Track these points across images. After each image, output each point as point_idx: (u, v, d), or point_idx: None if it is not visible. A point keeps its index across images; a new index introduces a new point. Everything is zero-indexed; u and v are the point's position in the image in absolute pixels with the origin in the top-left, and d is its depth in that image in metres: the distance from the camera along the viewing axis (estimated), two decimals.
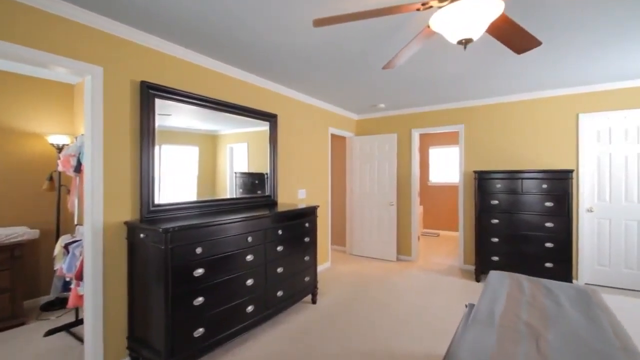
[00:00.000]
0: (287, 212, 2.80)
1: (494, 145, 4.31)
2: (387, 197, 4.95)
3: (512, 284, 1.87)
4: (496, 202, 3.85)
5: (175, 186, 2.55)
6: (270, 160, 3.43)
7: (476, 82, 3.60)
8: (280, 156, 3.64)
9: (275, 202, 3.44)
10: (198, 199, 2.70)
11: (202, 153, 2.77)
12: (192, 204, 2.61)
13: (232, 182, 3.06)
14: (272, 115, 3.43)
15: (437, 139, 7.33)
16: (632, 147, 3.61)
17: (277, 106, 3.60)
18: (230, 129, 3.04)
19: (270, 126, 3.43)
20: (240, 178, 3.15)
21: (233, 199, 3.01)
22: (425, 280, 3.97)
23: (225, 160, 2.98)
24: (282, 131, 3.66)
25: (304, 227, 3.03)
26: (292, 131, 3.87)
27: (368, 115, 5.30)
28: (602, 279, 3.74)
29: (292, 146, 3.86)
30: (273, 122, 3.45)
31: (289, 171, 3.80)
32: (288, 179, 3.79)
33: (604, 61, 2.98)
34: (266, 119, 3.38)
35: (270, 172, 3.43)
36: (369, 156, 5.13)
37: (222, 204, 2.87)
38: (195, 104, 2.67)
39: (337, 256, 5.17)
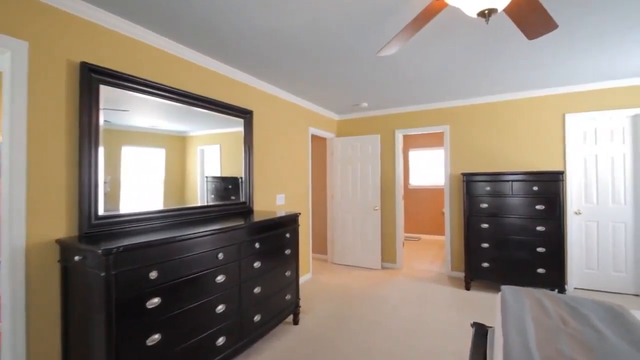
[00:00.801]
0: (265, 221, 2.42)
1: (480, 146, 4.16)
2: (370, 202, 4.67)
3: (532, 304, 1.61)
4: (485, 205, 3.68)
5: (136, 193, 2.13)
6: (245, 162, 3.03)
7: (462, 81, 3.42)
8: (257, 158, 3.25)
9: (251, 210, 3.04)
10: (165, 207, 2.30)
11: (170, 156, 2.38)
12: (154, 214, 2.18)
13: (204, 187, 2.67)
14: (246, 112, 3.04)
15: (418, 142, 7.20)
16: (618, 148, 3.56)
17: (252, 102, 3.21)
18: (201, 129, 2.65)
19: (245, 124, 3.03)
20: (212, 183, 2.75)
21: (204, 207, 2.60)
22: (414, 291, 3.71)
23: (195, 164, 2.60)
24: (258, 130, 3.28)
25: (285, 238, 2.66)
26: (270, 130, 3.49)
27: (350, 116, 5.02)
28: (591, 283, 3.65)
29: (269, 147, 3.48)
30: (248, 119, 3.06)
31: (266, 175, 3.42)
32: (265, 183, 3.40)
33: (590, 61, 2.93)
34: (240, 116, 2.98)
35: (245, 176, 3.03)
36: (351, 158, 4.84)
37: (191, 213, 2.46)
38: (157, 94, 2.24)
39: (318, 266, 4.81)
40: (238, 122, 2.99)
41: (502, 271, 3.57)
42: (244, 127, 3.02)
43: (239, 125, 3.01)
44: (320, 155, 5.24)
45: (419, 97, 4.10)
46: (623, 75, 3.32)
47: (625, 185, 3.53)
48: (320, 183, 5.23)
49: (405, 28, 1.69)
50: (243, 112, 2.99)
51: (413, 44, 2.48)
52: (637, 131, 3.45)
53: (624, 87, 3.44)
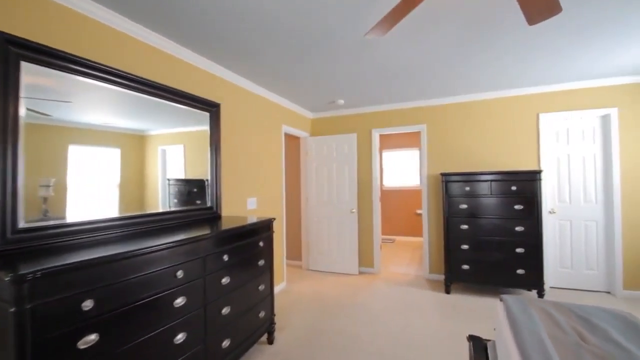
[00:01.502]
0: (234, 229, 2.10)
1: (457, 146, 4.09)
2: (347, 204, 4.46)
3: (543, 318, 1.44)
4: (465, 206, 3.59)
5: (87, 199, 1.80)
6: (212, 162, 2.68)
7: (440, 78, 3.31)
8: (225, 158, 2.90)
9: (219, 216, 2.69)
10: (121, 214, 1.96)
11: (126, 157, 2.04)
12: (107, 223, 1.84)
13: (165, 191, 2.33)
14: (213, 105, 2.69)
15: (390, 142, 7.14)
16: (589, 148, 3.63)
17: (219, 94, 2.86)
18: (162, 127, 2.30)
19: (211, 119, 2.68)
20: (175, 186, 2.41)
21: (165, 214, 2.24)
22: (394, 297, 3.53)
23: (156, 166, 2.26)
24: (226, 127, 2.93)
25: (257, 248, 2.35)
26: (239, 127, 3.15)
27: (325, 114, 4.79)
28: (565, 282, 3.68)
29: (239, 146, 3.14)
30: (214, 113, 2.71)
31: (235, 177, 3.07)
32: (235, 186, 3.06)
33: (564, 61, 2.96)
34: (206, 109, 2.63)
35: (211, 179, 2.68)
36: (326, 159, 4.61)
37: (150, 220, 2.09)
38: (106, 79, 1.86)
39: (292, 273, 4.51)
40: (203, 118, 2.64)
41: (482, 273, 3.49)
42: (210, 122, 2.67)
43: (205, 123, 2.66)
44: (294, 155, 4.95)
45: (396, 95, 3.96)
46: (594, 76, 3.37)
47: (596, 184, 3.60)
48: (294, 185, 4.94)
49: (397, 6, 1.47)
50: (209, 104, 2.64)
51: (396, 36, 2.29)
52: (606, 131, 3.53)
53: (595, 88, 3.51)
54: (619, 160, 3.43)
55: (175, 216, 2.30)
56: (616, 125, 3.44)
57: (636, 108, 3.38)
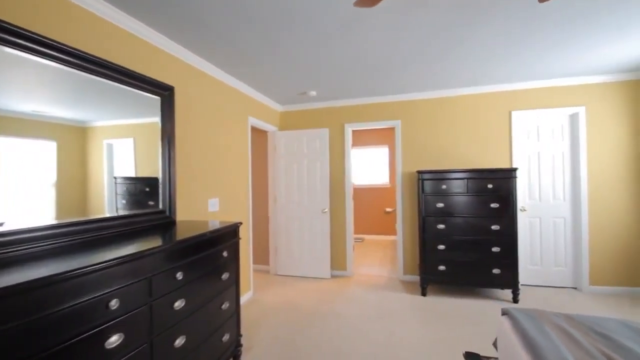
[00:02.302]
0: (192, 239, 1.70)
1: (431, 142, 3.97)
2: (318, 203, 4.17)
3: (561, 337, 1.25)
4: (442, 205, 3.46)
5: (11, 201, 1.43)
6: (165, 158, 2.24)
7: (415, 72, 3.14)
8: (181, 153, 2.46)
9: (173, 221, 2.26)
10: (58, 221, 1.59)
11: (64, 151, 1.67)
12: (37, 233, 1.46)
13: (112, 192, 1.93)
14: (165, 87, 2.24)
15: (359, 140, 6.97)
16: (558, 146, 3.67)
17: (174, 76, 2.41)
18: (108, 118, 1.92)
19: (163, 105, 2.24)
20: (123, 186, 2.01)
21: (105, 220, 1.82)
22: (371, 302, 3.31)
23: (101, 162, 1.88)
24: (182, 115, 2.49)
25: (221, 259, 1.97)
26: (198, 117, 2.72)
27: (295, 107, 4.44)
28: (535, 279, 3.71)
29: (198, 138, 2.71)
30: (168, 98, 2.27)
31: (194, 175, 2.64)
32: (193, 185, 2.63)
33: (539, 58, 2.93)
34: (156, 92, 2.18)
35: (164, 177, 2.24)
36: (296, 155, 4.27)
37: (87, 229, 1.70)
38: (27, 48, 1.40)
39: (260, 279, 4.14)
40: (156, 107, 2.19)
41: (458, 274, 3.39)
42: (161, 108, 2.22)
43: (158, 114, 2.21)
44: (262, 151, 4.56)
45: (371, 89, 3.73)
46: (565, 75, 3.39)
47: (564, 182, 3.65)
48: (261, 184, 4.55)
49: None
50: (159, 87, 2.19)
51: (376, 22, 2.04)
52: (574, 129, 3.58)
53: (565, 87, 3.54)
54: (586, 159, 3.49)
55: (118, 223, 1.86)
56: (584, 123, 3.50)
57: (603, 107, 3.45)
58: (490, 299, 3.37)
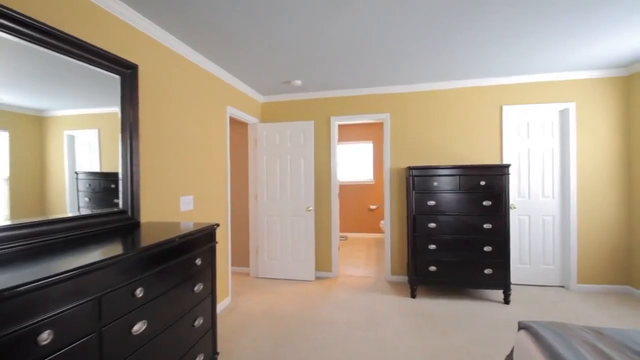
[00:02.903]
0: (156, 245, 1.40)
1: (420, 137, 3.81)
2: (303, 201, 3.92)
3: (594, 355, 1.08)
4: (433, 202, 3.30)
5: None
6: (126, 149, 1.91)
7: (407, 62, 2.95)
8: (148, 143, 2.13)
9: (137, 223, 1.94)
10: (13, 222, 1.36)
11: (18, 143, 1.45)
12: None
13: (74, 188, 1.68)
14: (126, 65, 1.90)
15: (343, 135, 6.76)
16: (547, 142, 3.60)
17: (138, 53, 2.07)
18: (69, 107, 1.67)
19: (124, 86, 1.90)
20: (86, 182, 1.75)
21: (50, 223, 1.50)
22: (359, 307, 3.11)
23: (62, 155, 1.64)
24: (150, 99, 2.16)
25: (194, 267, 1.68)
26: (169, 103, 2.39)
27: (277, 97, 4.15)
28: (524, 278, 3.64)
29: (168, 128, 2.38)
30: (129, 78, 1.93)
31: (163, 169, 2.32)
32: (163, 181, 2.30)
33: (533, 51, 2.85)
34: (114, 69, 1.84)
35: (124, 171, 1.91)
36: (279, 149, 3.99)
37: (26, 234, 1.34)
38: None
39: (239, 283, 3.84)
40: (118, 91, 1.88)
41: (449, 274, 3.24)
42: (122, 90, 1.89)
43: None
44: (241, 144, 4.24)
45: (360, 79, 3.51)
46: (557, 69, 3.30)
47: (554, 179, 3.59)
48: (241, 180, 4.24)
49: None
50: (120, 63, 1.85)
51: (368, 8, 1.81)
52: (564, 126, 3.52)
53: (556, 82, 3.46)
54: (575, 156, 3.44)
55: (66, 227, 1.53)
56: (574, 120, 3.44)
57: (593, 103, 3.40)
58: (481, 299, 3.25)
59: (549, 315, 2.87)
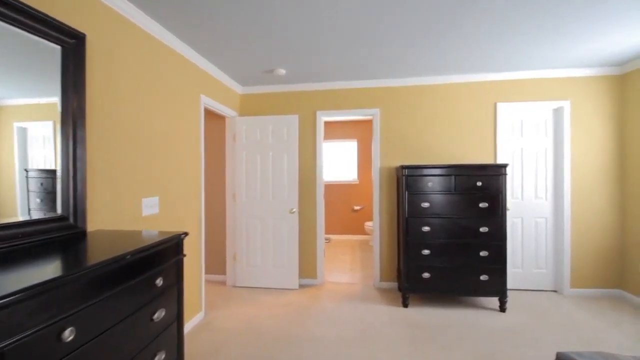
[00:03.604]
0: (100, 266, 1.05)
1: (412, 134, 3.58)
2: (286, 202, 3.59)
3: None
4: (427, 204, 3.08)
5: None
6: (67, 141, 1.52)
7: (397, 48, 2.68)
8: (100, 134, 1.74)
9: (82, 233, 1.55)
10: None
11: None
12: None
13: (24, 188, 1.38)
14: (69, 33, 1.51)
15: (326, 132, 6.47)
16: (541, 142, 3.48)
17: (89, 21, 1.68)
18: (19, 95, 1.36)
19: (65, 60, 1.50)
20: (37, 180, 1.43)
21: None
22: (349, 319, 2.83)
23: (11, 150, 1.36)
24: (102, 82, 1.76)
25: (153, 289, 1.33)
26: (130, 87, 2.00)
27: (258, 89, 3.80)
28: (516, 283, 3.50)
29: (128, 117, 1.99)
30: (73, 50, 1.53)
31: (120, 166, 1.93)
32: (119, 180, 1.91)
33: (530, 48, 2.74)
34: (51, 37, 1.44)
35: (66, 169, 1.51)
36: (260, 145, 3.64)
37: None
38: None
39: (214, 293, 3.46)
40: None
41: (443, 281, 3.03)
42: (62, 65, 1.49)
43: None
44: (218, 139, 3.85)
45: (348, 70, 3.23)
46: (553, 66, 3.17)
47: (547, 180, 3.47)
48: (217, 178, 3.85)
49: None
50: (60, 29, 1.46)
51: None
52: (558, 125, 3.40)
53: (551, 79, 3.33)
54: (569, 156, 3.33)
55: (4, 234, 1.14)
56: (568, 118, 3.33)
57: (587, 102, 3.30)
58: (476, 307, 3.07)
59: (547, 324, 2.72)
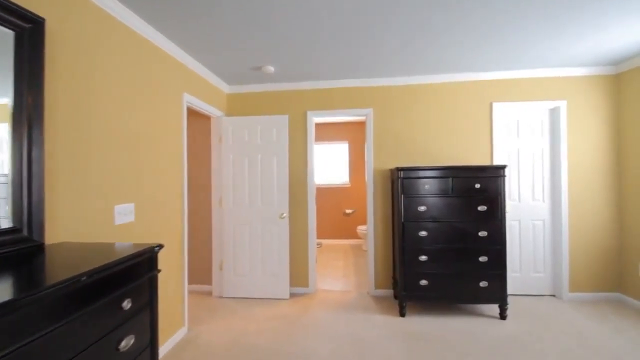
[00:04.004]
0: (47, 292, 0.85)
1: (407, 135, 3.46)
2: (275, 207, 3.41)
3: None
4: (424, 208, 2.94)
5: None
6: (20, 139, 1.31)
7: (392, 43, 2.54)
8: (64, 133, 1.54)
9: (39, 247, 1.33)
10: None
11: None
12: None
13: None
14: (24, 16, 1.30)
15: (316, 134, 6.32)
16: (537, 143, 3.40)
17: (51, 5, 1.47)
18: None
19: (19, 47, 1.30)
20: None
21: None
22: (343, 332, 2.66)
23: None
24: (65, 71, 1.56)
25: (119, 313, 1.13)
26: (99, 80, 1.79)
27: (246, 88, 3.61)
28: (514, 288, 3.39)
29: (97, 113, 1.78)
30: (29, 37, 1.33)
31: (88, 169, 1.71)
32: (87, 185, 1.70)
33: (526, 45, 2.66)
34: (5, 22, 1.24)
35: (18, 172, 1.30)
36: (248, 147, 3.45)
37: None
38: None
39: (199, 305, 3.24)
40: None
41: (442, 289, 2.90)
42: (15, 52, 1.29)
43: None
44: (203, 141, 3.65)
45: (340, 68, 3.09)
46: (550, 65, 3.10)
47: (544, 181, 3.39)
48: (202, 182, 3.64)
49: None
50: (12, 11, 1.25)
51: None
52: (555, 125, 3.33)
53: (546, 78, 3.26)
54: (566, 157, 3.25)
55: None
56: (565, 119, 3.26)
57: (584, 102, 3.23)
58: (475, 315, 2.94)
59: (549, 332, 2.60)
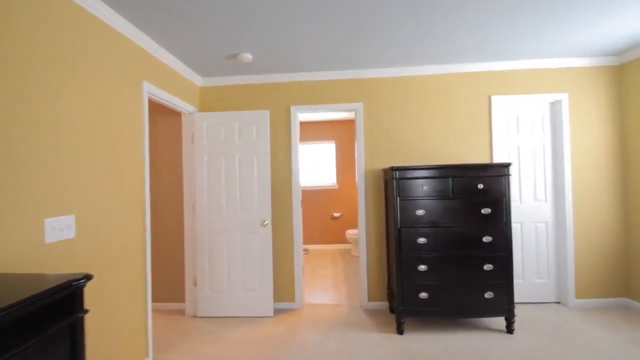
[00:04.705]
0: None
1: (400, 132, 3.16)
2: (256, 213, 3.03)
3: None
4: (422, 212, 2.64)
5: None
6: None
7: (385, 26, 2.24)
8: None
9: None
10: None
11: None
12: None
13: None
14: None
15: (301, 134, 5.98)
16: (538, 139, 3.17)
17: None
18: None
19: None
20: None
21: None
22: (335, 356, 2.30)
23: None
24: None
25: None
26: (32, 63, 1.38)
27: (222, 80, 3.23)
28: (517, 295, 3.13)
29: (29, 102, 1.37)
30: None
31: (8, 173, 1.31)
32: (5, 193, 1.29)
33: (528, 34, 2.47)
34: None
35: None
36: (225, 146, 3.06)
37: None
38: None
39: (169, 327, 2.81)
40: None
41: (443, 301, 2.60)
42: None
43: None
44: (173, 140, 3.23)
45: (326, 59, 2.77)
46: (551, 55, 2.88)
47: (546, 180, 3.16)
48: (173, 186, 3.22)
49: None
50: None
51: None
52: (556, 120, 3.12)
53: (546, 69, 3.04)
54: (569, 153, 3.04)
55: None
56: (567, 112, 3.05)
57: (586, 94, 3.03)
58: (479, 329, 2.66)
59: (562, 346, 2.35)
